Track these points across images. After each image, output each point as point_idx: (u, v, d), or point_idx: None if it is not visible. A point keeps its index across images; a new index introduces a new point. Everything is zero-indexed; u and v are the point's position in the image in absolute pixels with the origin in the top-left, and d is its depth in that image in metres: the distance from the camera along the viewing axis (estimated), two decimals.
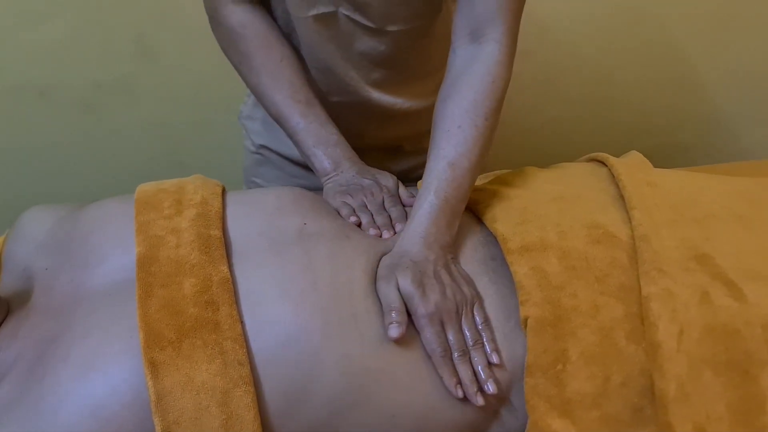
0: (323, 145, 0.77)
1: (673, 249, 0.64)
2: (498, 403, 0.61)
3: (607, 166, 0.76)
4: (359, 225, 0.70)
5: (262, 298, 0.59)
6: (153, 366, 0.53)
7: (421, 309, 0.60)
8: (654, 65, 1.47)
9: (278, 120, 0.79)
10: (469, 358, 0.60)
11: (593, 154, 0.81)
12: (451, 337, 0.60)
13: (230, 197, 0.70)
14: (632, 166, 0.74)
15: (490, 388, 0.59)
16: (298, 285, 0.60)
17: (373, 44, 0.78)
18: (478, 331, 0.61)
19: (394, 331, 0.58)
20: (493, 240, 0.68)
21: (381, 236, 0.69)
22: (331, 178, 0.77)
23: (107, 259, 0.63)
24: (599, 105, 1.50)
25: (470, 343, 0.61)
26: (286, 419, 0.56)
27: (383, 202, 0.73)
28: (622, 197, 0.70)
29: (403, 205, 0.74)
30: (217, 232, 0.63)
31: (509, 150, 1.50)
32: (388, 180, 0.77)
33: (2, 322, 0.61)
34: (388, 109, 0.85)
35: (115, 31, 1.23)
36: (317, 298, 0.59)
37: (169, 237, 0.62)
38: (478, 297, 0.64)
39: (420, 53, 0.81)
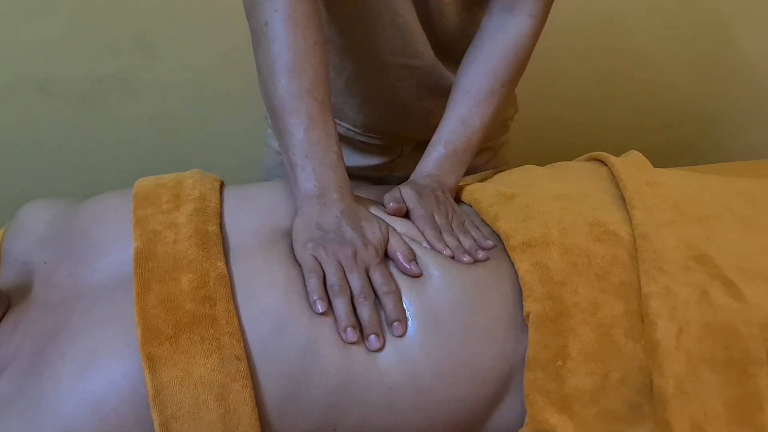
0: (317, 160, 0.64)
1: (673, 248, 0.64)
2: (501, 391, 0.61)
3: (607, 165, 0.76)
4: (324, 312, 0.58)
5: (255, 291, 0.59)
6: (151, 361, 0.53)
7: (417, 210, 0.67)
8: (653, 64, 1.47)
9: (277, 109, 0.66)
10: (457, 239, 0.66)
11: (593, 153, 0.81)
12: (438, 219, 0.67)
13: (228, 192, 0.70)
14: (632, 166, 0.75)
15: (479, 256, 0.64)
16: (284, 271, 0.60)
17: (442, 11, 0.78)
18: (464, 228, 0.67)
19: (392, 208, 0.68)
20: (496, 237, 0.68)
21: (365, 344, 0.57)
22: (308, 207, 0.64)
23: (106, 254, 0.63)
24: (599, 104, 1.50)
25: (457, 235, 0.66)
26: (284, 407, 0.56)
27: (367, 274, 0.61)
28: (622, 196, 0.71)
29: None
30: (214, 228, 0.63)
31: (509, 148, 1.50)
32: (375, 232, 0.64)
33: (3, 316, 0.61)
34: (443, 84, 0.82)
35: (114, 26, 1.23)
36: (303, 281, 0.60)
37: (167, 232, 0.62)
38: (469, 218, 0.69)
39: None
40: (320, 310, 0.58)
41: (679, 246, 0.65)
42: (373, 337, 0.58)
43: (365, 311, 0.59)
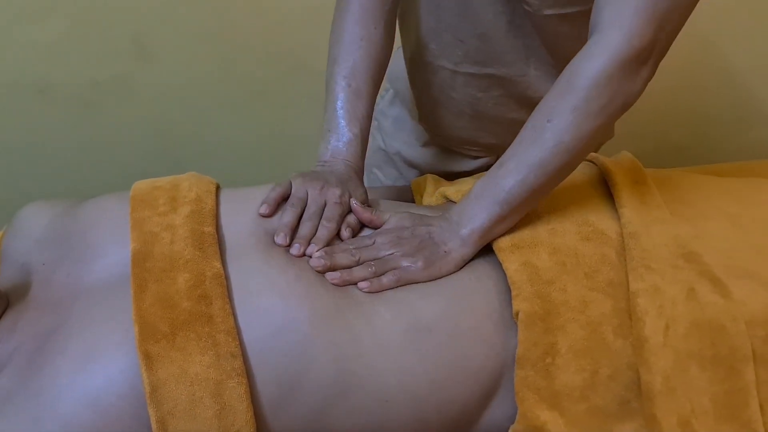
0: (337, 134, 0.75)
1: (661, 246, 0.65)
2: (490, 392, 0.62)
3: (597, 165, 0.77)
4: (268, 216, 0.67)
5: (253, 291, 0.60)
6: (147, 358, 0.54)
7: (380, 233, 0.68)
8: None
9: (326, 87, 0.78)
10: (354, 263, 0.65)
11: None
12: (379, 240, 0.67)
13: (224, 194, 0.71)
14: (622, 166, 0.76)
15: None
16: (284, 277, 0.61)
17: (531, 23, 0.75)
18: (376, 264, 0.64)
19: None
20: None
21: (290, 249, 0.64)
22: (316, 166, 0.75)
23: (104, 255, 0.63)
24: None
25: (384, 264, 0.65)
26: (279, 408, 0.57)
27: (324, 206, 0.69)
28: (612, 196, 0.72)
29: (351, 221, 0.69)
30: (210, 229, 0.64)
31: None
32: (356, 192, 0.71)
33: (1, 315, 0.62)
34: (531, 96, 0.80)
35: (113, 29, 1.24)
36: (302, 288, 0.61)
37: (164, 233, 0.63)
38: (408, 270, 0.64)
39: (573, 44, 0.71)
40: (262, 212, 0.67)
41: (668, 244, 0.65)
42: (297, 245, 0.64)
43: (304, 228, 0.66)
